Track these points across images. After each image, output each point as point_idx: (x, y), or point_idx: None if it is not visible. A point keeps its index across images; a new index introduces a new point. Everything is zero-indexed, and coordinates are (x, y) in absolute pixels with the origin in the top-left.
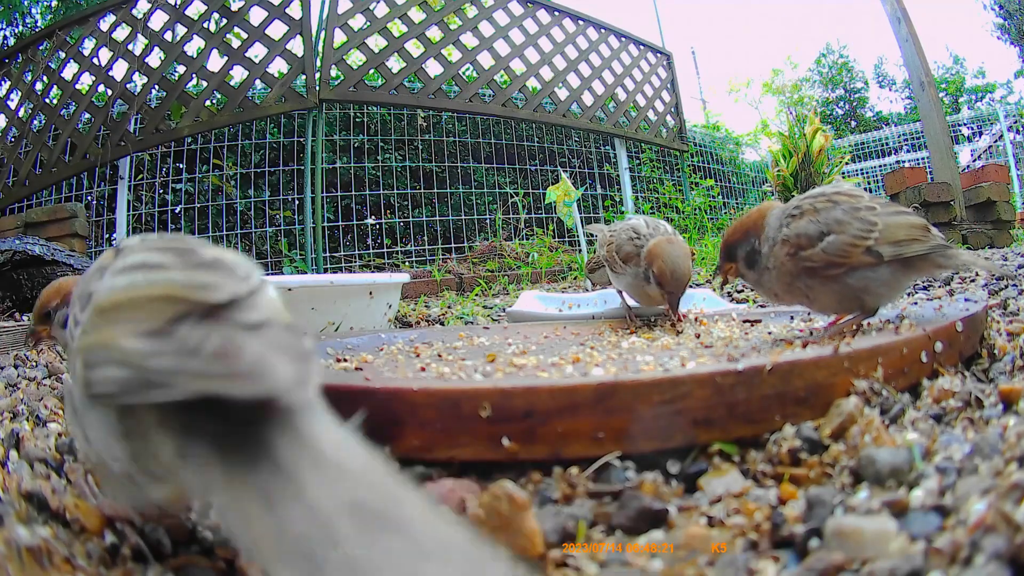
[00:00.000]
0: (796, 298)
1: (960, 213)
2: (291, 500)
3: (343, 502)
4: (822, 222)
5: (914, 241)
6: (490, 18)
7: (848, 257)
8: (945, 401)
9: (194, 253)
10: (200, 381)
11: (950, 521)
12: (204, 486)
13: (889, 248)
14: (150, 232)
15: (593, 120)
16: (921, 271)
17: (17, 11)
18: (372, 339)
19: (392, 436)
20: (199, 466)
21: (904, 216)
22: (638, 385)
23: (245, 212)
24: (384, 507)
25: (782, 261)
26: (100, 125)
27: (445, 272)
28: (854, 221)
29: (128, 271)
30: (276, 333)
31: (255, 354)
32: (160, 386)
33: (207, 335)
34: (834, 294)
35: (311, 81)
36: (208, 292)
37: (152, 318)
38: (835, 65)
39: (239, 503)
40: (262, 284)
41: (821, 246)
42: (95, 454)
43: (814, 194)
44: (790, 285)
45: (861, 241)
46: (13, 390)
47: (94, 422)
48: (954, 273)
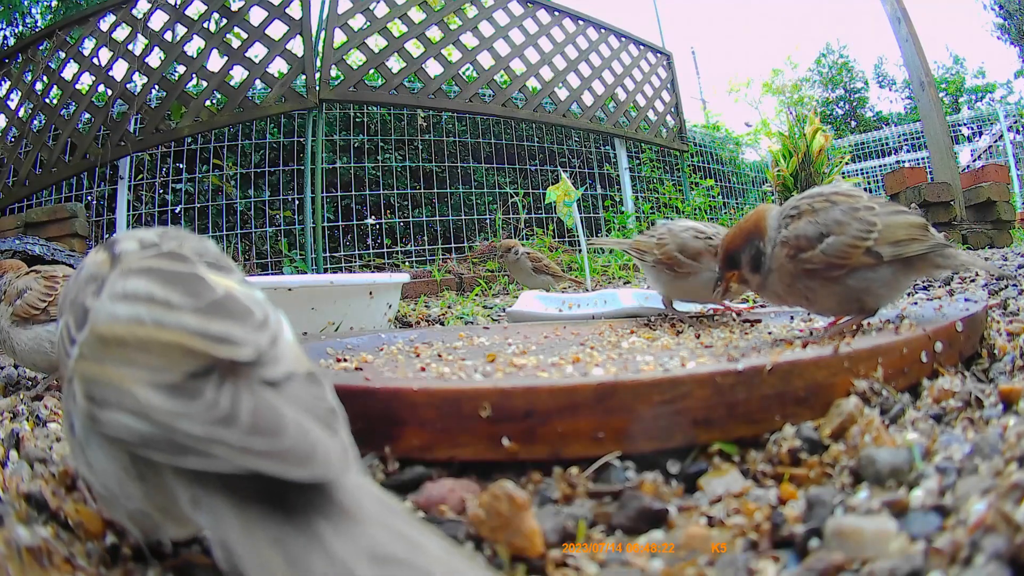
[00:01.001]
0: (797, 299)
1: (960, 213)
2: (313, 552)
3: (366, 553)
4: (821, 223)
5: (913, 240)
6: (490, 18)
7: (848, 258)
8: (945, 401)
9: (203, 286)
10: (245, 458)
11: (950, 521)
12: (219, 532)
13: (889, 248)
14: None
15: (593, 120)
16: (921, 271)
17: (17, 11)
18: (372, 339)
19: (392, 436)
20: (212, 514)
21: (903, 215)
22: (638, 385)
23: (245, 212)
24: (406, 554)
25: (781, 263)
26: (100, 125)
27: (445, 272)
28: (853, 222)
29: (130, 300)
30: (302, 389)
31: (296, 427)
32: (195, 454)
33: (237, 399)
34: (834, 296)
35: (311, 81)
36: (231, 349)
37: (167, 369)
38: (835, 65)
39: (257, 553)
40: (279, 326)
41: (821, 248)
42: (102, 486)
43: (812, 194)
44: (790, 287)
45: (861, 242)
46: (13, 390)
47: (102, 456)
48: (954, 273)
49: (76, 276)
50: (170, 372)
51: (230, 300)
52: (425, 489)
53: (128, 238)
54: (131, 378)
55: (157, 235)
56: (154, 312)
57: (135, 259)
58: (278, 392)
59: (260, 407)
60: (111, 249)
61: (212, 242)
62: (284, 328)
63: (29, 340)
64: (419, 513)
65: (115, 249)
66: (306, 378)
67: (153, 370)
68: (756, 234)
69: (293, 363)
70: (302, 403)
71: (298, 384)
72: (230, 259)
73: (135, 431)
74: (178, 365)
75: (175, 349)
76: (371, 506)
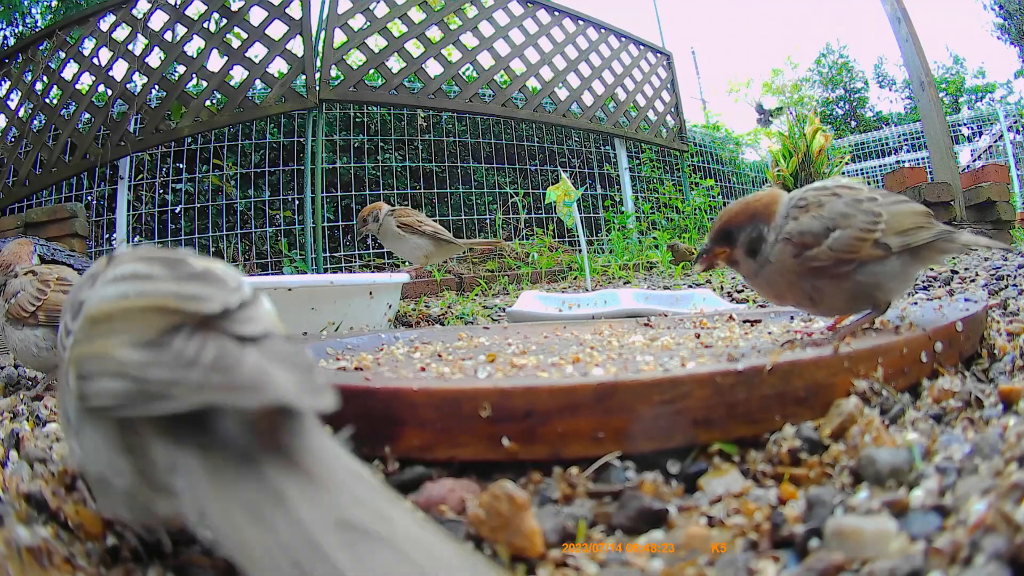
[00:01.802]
0: (799, 299)
1: (960, 213)
2: (280, 516)
3: (332, 519)
4: (826, 217)
5: (920, 229)
6: (490, 18)
7: (857, 252)
8: (945, 401)
9: (183, 264)
10: (202, 393)
11: (950, 521)
12: (193, 495)
13: (897, 238)
14: (149, 232)
15: (593, 120)
16: (927, 260)
17: (17, 11)
18: (372, 339)
19: (392, 436)
20: (188, 478)
21: (906, 204)
22: (638, 385)
23: (245, 212)
24: (372, 524)
25: (784, 259)
26: (100, 125)
27: (445, 272)
28: (858, 213)
29: (118, 281)
30: (274, 344)
31: (254, 365)
32: (160, 398)
33: (203, 346)
34: (844, 293)
35: (311, 81)
36: (199, 303)
37: (145, 329)
38: (835, 65)
39: (228, 516)
40: (255, 295)
41: (827, 243)
42: (94, 468)
43: (815, 187)
44: (793, 285)
45: (868, 234)
46: (13, 390)
47: (92, 436)
48: (954, 273)
49: (77, 283)
50: (147, 331)
51: (207, 272)
52: (425, 489)
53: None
54: (113, 344)
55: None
56: (137, 285)
57: (128, 255)
58: (254, 346)
59: (223, 351)
60: (110, 255)
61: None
62: (263, 301)
63: (19, 341)
64: (419, 513)
65: (114, 254)
66: (284, 338)
67: (133, 333)
68: (763, 217)
69: (271, 326)
70: (277, 354)
71: (276, 342)
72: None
73: (115, 391)
74: (154, 324)
75: (152, 311)
76: (342, 474)
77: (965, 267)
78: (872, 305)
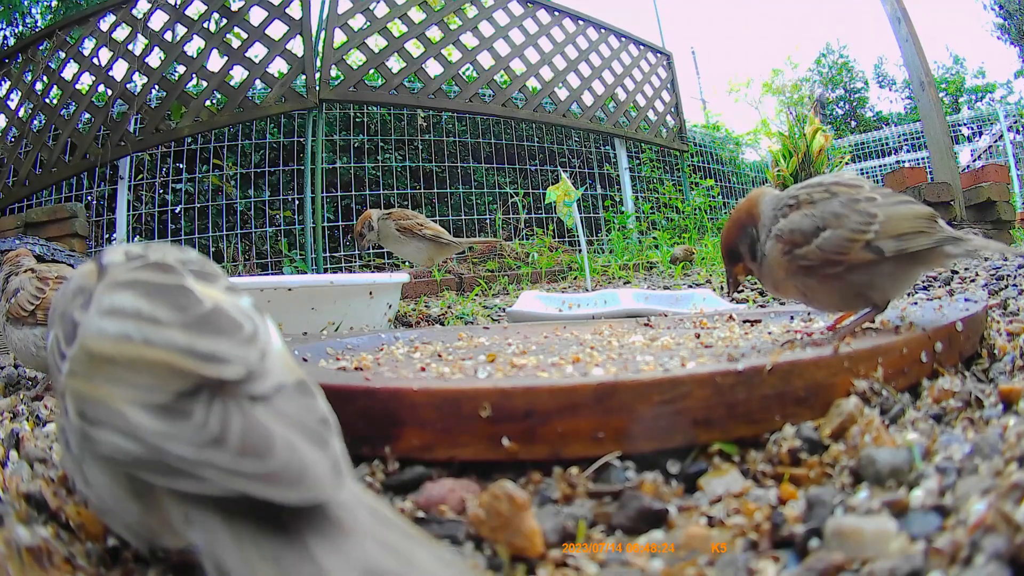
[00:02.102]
0: (792, 295)
1: (960, 213)
2: (304, 569)
3: (357, 567)
4: (817, 215)
5: (920, 234)
6: (490, 18)
7: (846, 253)
8: (945, 401)
9: (190, 300)
10: (234, 481)
11: (950, 521)
12: (211, 549)
13: (892, 243)
14: (149, 232)
15: (593, 120)
16: (931, 262)
17: (17, 11)
18: (372, 339)
19: (392, 436)
20: (205, 534)
21: (908, 206)
22: (638, 385)
23: (245, 212)
24: (397, 569)
25: (774, 256)
26: (100, 125)
27: (445, 272)
28: (852, 213)
29: (116, 317)
30: (291, 401)
31: (285, 446)
32: (185, 476)
33: (227, 420)
34: (835, 292)
35: (311, 81)
36: (220, 368)
37: (156, 388)
38: (835, 65)
39: (248, 569)
40: (267, 336)
41: (816, 243)
42: (97, 501)
43: (812, 183)
44: (784, 281)
45: (860, 236)
46: (13, 390)
47: (97, 474)
48: (954, 272)
49: (64, 288)
50: (159, 392)
51: (218, 314)
52: (425, 489)
53: (115, 251)
54: (120, 397)
55: (142, 248)
56: (142, 329)
57: (122, 271)
58: (267, 407)
59: (249, 426)
60: (98, 261)
61: (194, 250)
62: (272, 337)
63: (18, 340)
64: (419, 513)
65: (102, 261)
66: (296, 388)
67: (142, 389)
68: (749, 221)
69: (282, 374)
70: (292, 417)
71: (288, 396)
72: (214, 264)
73: (127, 451)
74: (166, 384)
75: (163, 368)
76: (364, 518)
77: (965, 267)
78: (866, 304)
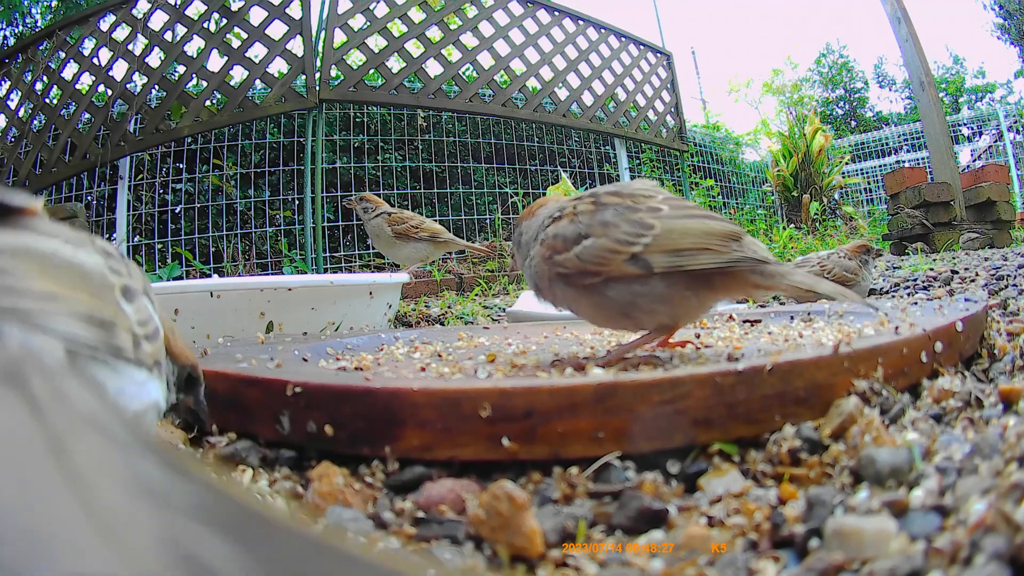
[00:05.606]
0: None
1: (960, 213)
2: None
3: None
4: (584, 224)
5: (704, 251)
6: (490, 18)
7: (606, 265)
8: (945, 401)
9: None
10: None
11: (950, 521)
12: None
13: (663, 258)
14: (149, 232)
15: (593, 120)
16: (729, 290)
17: (17, 11)
18: (372, 339)
19: (392, 436)
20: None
21: (699, 220)
22: (638, 385)
23: (245, 212)
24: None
25: (538, 261)
26: (100, 125)
27: (445, 272)
28: (624, 223)
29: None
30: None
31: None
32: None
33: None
34: (595, 307)
35: (311, 81)
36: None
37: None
38: (835, 65)
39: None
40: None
41: (576, 251)
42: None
43: (586, 195)
44: (547, 289)
45: (623, 248)
46: None
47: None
48: (954, 273)
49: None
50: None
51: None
52: (425, 489)
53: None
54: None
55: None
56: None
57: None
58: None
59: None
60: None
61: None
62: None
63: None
64: (419, 513)
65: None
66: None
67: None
68: (527, 217)
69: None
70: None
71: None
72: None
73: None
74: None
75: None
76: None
77: (965, 267)
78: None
